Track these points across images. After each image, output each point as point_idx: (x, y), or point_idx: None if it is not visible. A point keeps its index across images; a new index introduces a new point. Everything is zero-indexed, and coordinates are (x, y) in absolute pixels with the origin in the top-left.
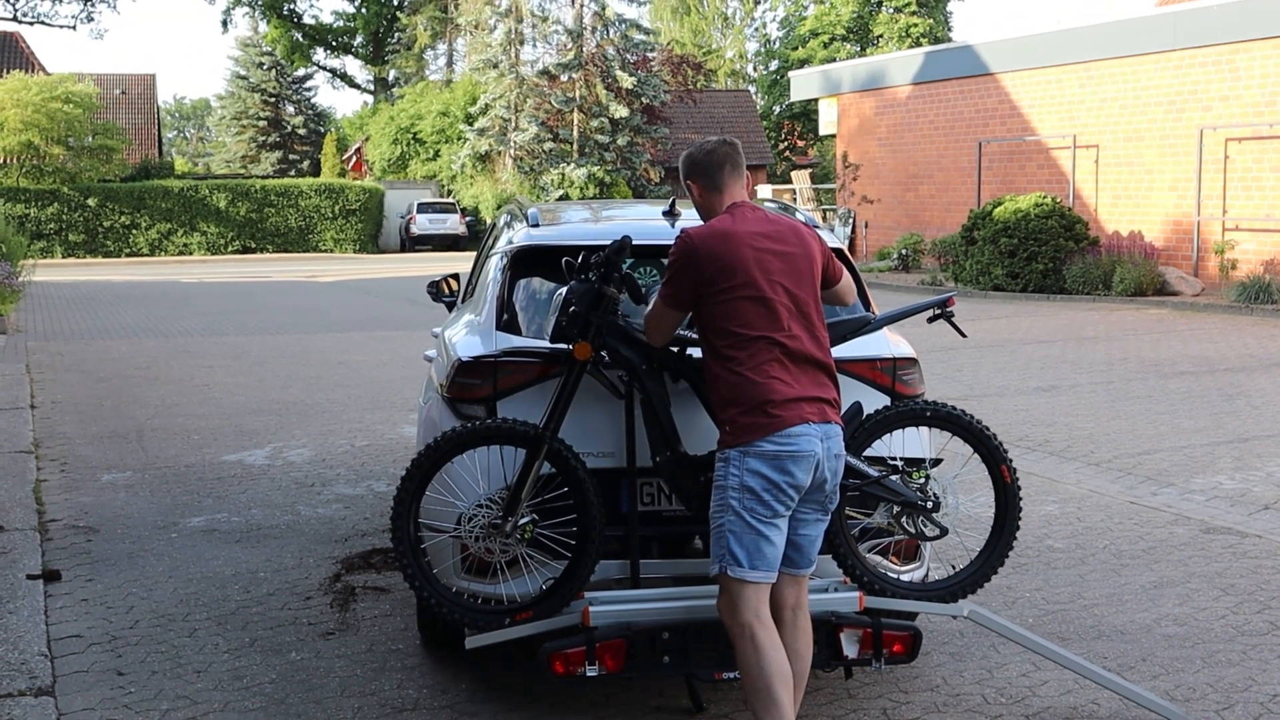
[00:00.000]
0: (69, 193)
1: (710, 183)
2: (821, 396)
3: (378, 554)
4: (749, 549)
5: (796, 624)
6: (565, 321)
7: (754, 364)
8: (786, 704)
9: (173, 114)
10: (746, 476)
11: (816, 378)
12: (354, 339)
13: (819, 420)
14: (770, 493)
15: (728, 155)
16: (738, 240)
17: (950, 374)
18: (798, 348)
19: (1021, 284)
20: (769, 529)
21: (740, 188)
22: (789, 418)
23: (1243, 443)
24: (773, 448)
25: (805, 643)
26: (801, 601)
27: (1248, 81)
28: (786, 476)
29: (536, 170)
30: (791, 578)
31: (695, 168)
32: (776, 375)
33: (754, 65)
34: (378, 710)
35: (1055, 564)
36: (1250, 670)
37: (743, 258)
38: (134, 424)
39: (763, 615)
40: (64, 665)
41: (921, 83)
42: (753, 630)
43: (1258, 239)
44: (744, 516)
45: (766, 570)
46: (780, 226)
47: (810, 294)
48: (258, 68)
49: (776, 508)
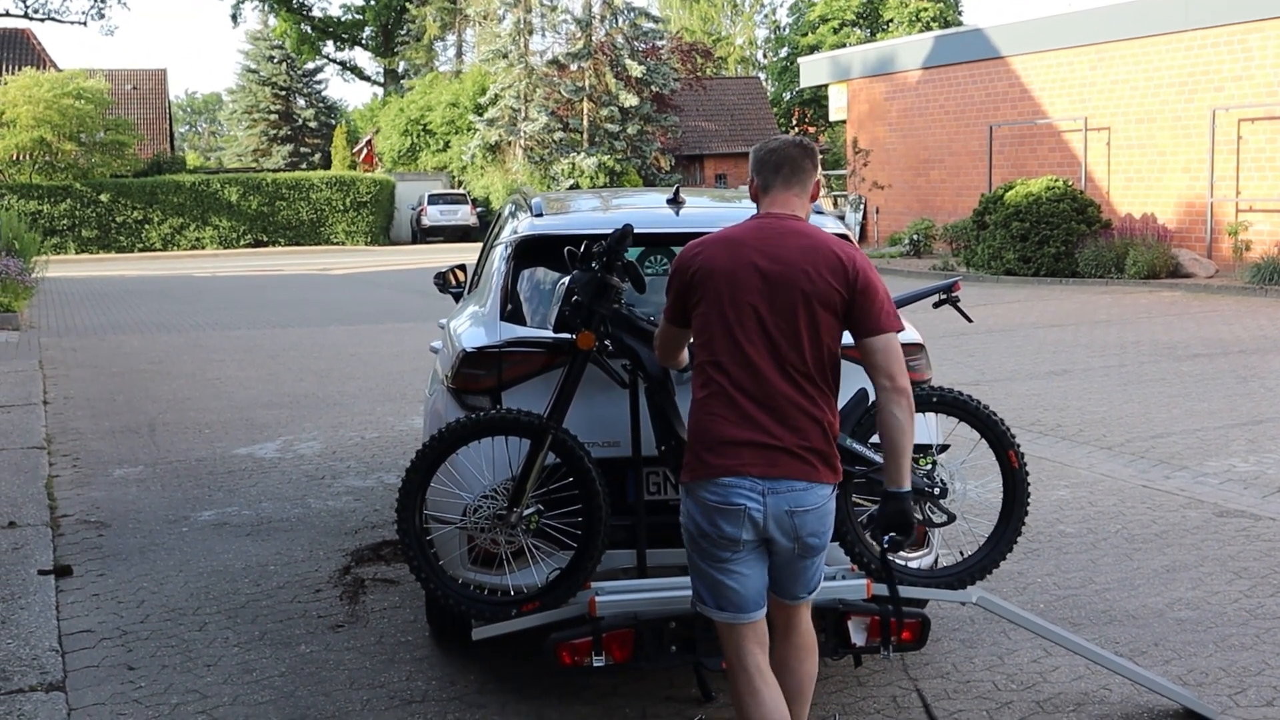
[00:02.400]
0: (81, 189)
1: (761, 181)
2: (777, 444)
3: (387, 546)
4: (709, 589)
5: (789, 640)
6: (568, 311)
7: (703, 393)
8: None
9: (184, 109)
10: (685, 518)
11: (782, 419)
12: (365, 331)
13: (761, 474)
14: (705, 540)
15: (788, 158)
16: (728, 249)
17: (962, 359)
18: (753, 382)
19: (1034, 268)
20: (722, 574)
21: (792, 198)
22: (718, 466)
23: (1257, 425)
24: (703, 494)
25: (803, 658)
26: (798, 621)
27: (1260, 61)
28: (715, 529)
29: (547, 160)
30: (781, 604)
31: (754, 162)
32: (719, 411)
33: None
34: (387, 702)
35: (1067, 549)
36: (1264, 654)
37: (716, 268)
38: (145, 418)
39: (743, 654)
40: (75, 660)
41: (931, 67)
42: (732, 670)
43: (1272, 220)
44: (693, 557)
45: (735, 612)
46: (795, 243)
47: (796, 324)
48: (268, 61)
49: (719, 554)
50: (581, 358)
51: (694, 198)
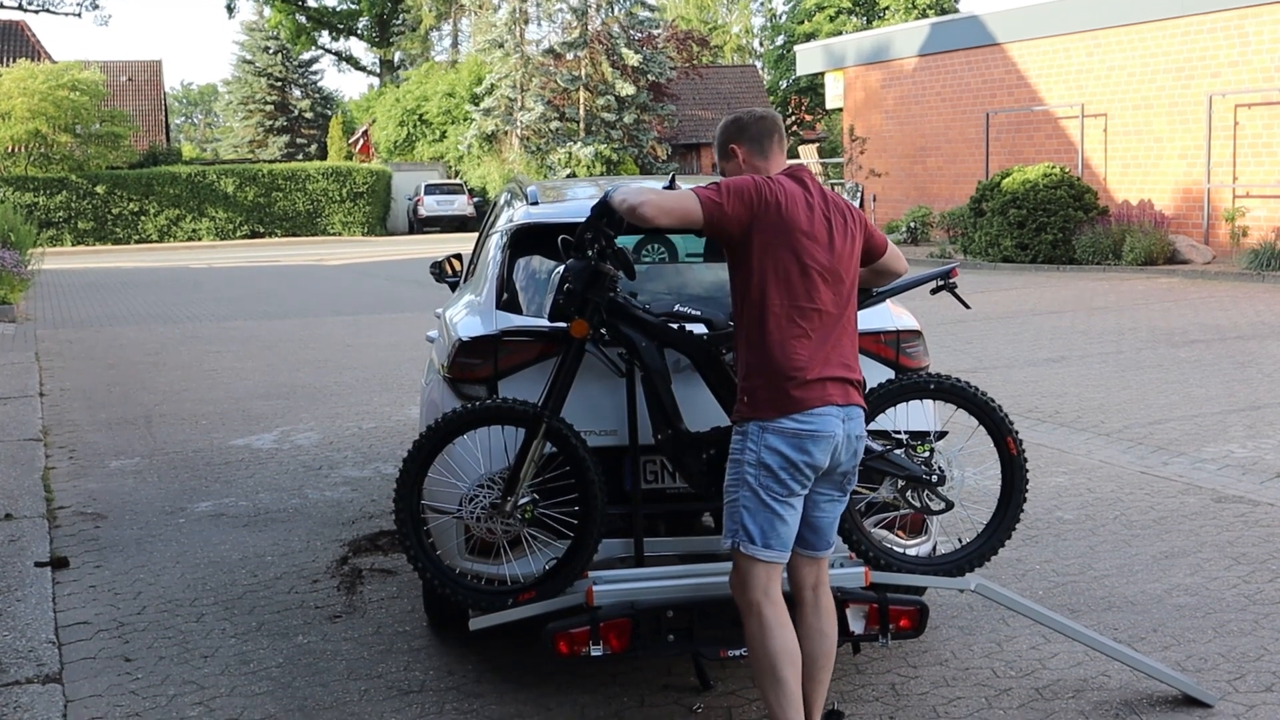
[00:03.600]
0: (77, 180)
1: (759, 148)
2: (847, 377)
3: (384, 536)
4: (762, 526)
5: (818, 603)
6: (563, 300)
7: (782, 335)
8: (791, 683)
9: (180, 100)
10: (764, 453)
11: (844, 356)
12: (362, 322)
13: (843, 402)
14: (787, 471)
15: (776, 126)
16: (798, 198)
17: (960, 346)
18: (829, 323)
19: (1031, 255)
20: (784, 508)
21: (783, 162)
22: (811, 398)
23: (1254, 410)
24: (793, 425)
25: (829, 621)
26: (822, 580)
27: (1257, 47)
28: (805, 456)
29: (543, 150)
30: (810, 559)
31: (744, 131)
32: (804, 350)
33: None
34: (384, 692)
35: (1065, 535)
36: (1262, 640)
37: (796, 219)
38: (142, 410)
39: (772, 593)
40: (71, 652)
41: (927, 54)
42: (760, 608)
43: (1269, 205)
44: (759, 494)
45: (780, 549)
46: (833, 196)
47: (850, 269)
48: (263, 52)
49: (793, 486)
50: (576, 346)
51: (688, 185)
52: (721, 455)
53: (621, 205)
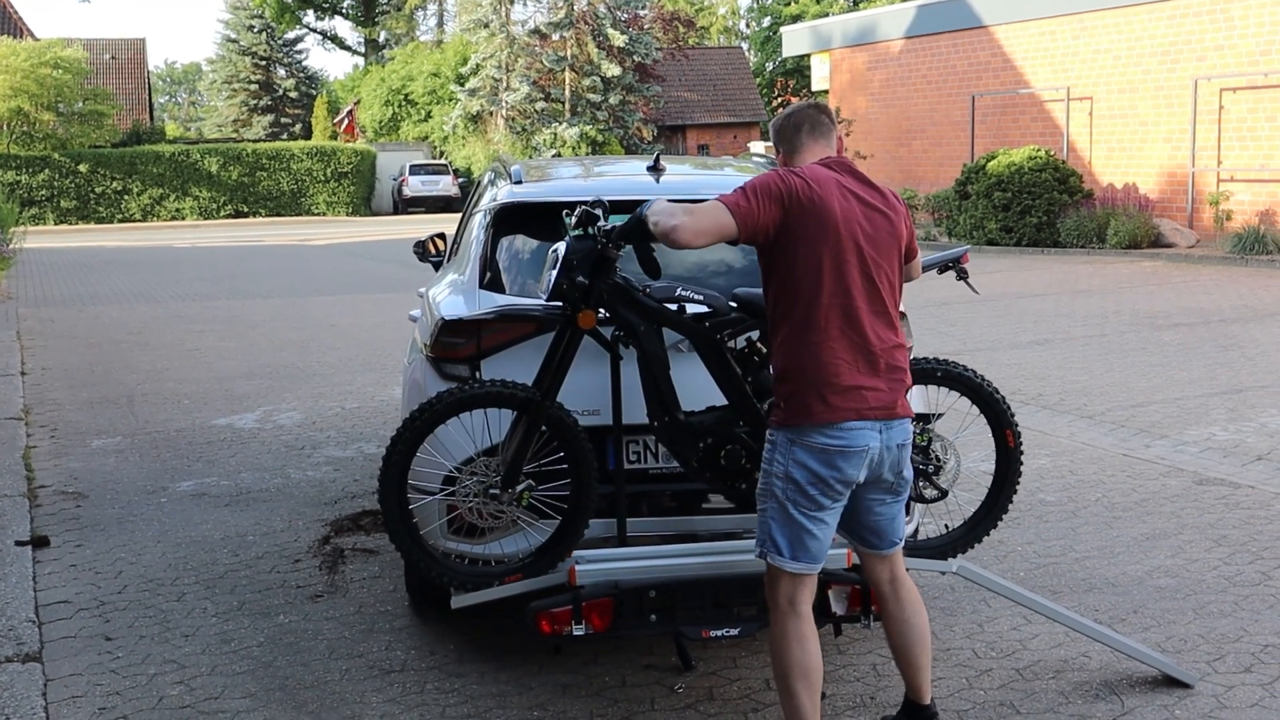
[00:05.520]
0: (60, 159)
1: (789, 146)
2: (892, 385)
3: (367, 516)
4: (790, 540)
5: (898, 596)
6: (566, 285)
7: (816, 335)
8: (801, 698)
9: (164, 79)
10: (792, 467)
11: (891, 359)
12: (346, 302)
13: (883, 414)
14: (816, 487)
15: (807, 116)
16: (831, 185)
17: (944, 328)
18: (860, 325)
19: (1015, 238)
20: (812, 523)
21: (825, 148)
22: (846, 408)
23: (1236, 394)
24: (823, 441)
25: (913, 610)
26: (897, 573)
27: (1242, 30)
28: (834, 472)
29: (529, 130)
30: (878, 557)
31: (777, 134)
32: (840, 355)
33: (746, 22)
34: (365, 672)
35: (1048, 517)
36: (1242, 621)
37: (830, 209)
38: (124, 389)
39: (798, 604)
40: (52, 631)
41: (914, 36)
42: (784, 617)
43: (1252, 189)
44: (786, 507)
45: (808, 562)
46: (875, 186)
47: (893, 265)
48: (248, 31)
49: (822, 502)
50: (579, 335)
51: (675, 165)
52: (718, 444)
53: (656, 229)
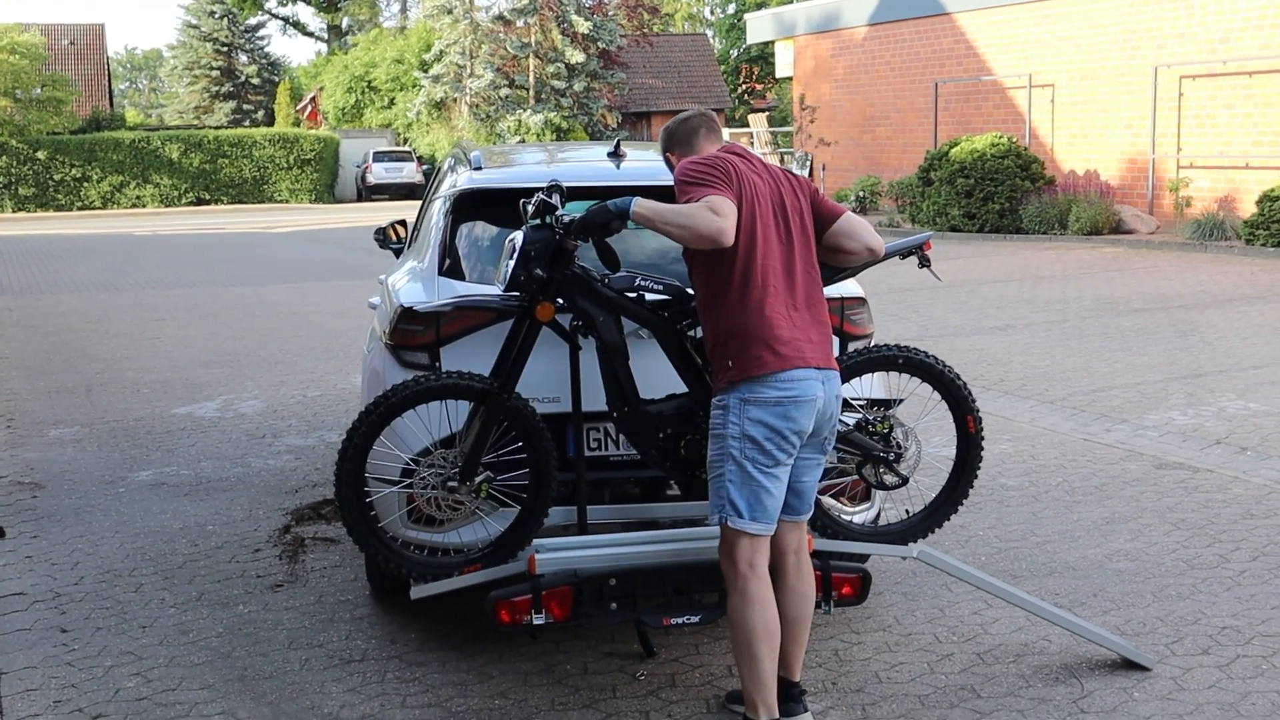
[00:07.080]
0: (18, 146)
1: (686, 148)
2: (821, 337)
3: (328, 505)
4: (749, 499)
5: (800, 568)
6: (524, 276)
7: (753, 293)
8: (765, 662)
9: (124, 65)
10: (748, 425)
11: (817, 314)
12: (309, 289)
13: (820, 364)
14: (773, 441)
15: (703, 121)
16: (740, 162)
17: (906, 314)
18: (790, 281)
19: (978, 224)
20: (769, 480)
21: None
22: (792, 357)
23: (1195, 378)
24: (774, 393)
25: (809, 584)
26: (803, 546)
27: (1202, 18)
28: (789, 423)
29: (493, 117)
30: (793, 524)
31: (673, 138)
32: (777, 310)
33: (711, 9)
34: (325, 661)
35: (1009, 502)
36: (1200, 603)
37: (754, 179)
38: (82, 378)
39: (758, 566)
40: (6, 624)
41: (877, 24)
42: (745, 581)
43: (1211, 176)
44: (745, 466)
45: (766, 521)
46: (773, 165)
47: (808, 223)
48: (209, 17)
49: (779, 457)
50: (536, 327)
51: (636, 151)
52: (678, 434)
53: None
